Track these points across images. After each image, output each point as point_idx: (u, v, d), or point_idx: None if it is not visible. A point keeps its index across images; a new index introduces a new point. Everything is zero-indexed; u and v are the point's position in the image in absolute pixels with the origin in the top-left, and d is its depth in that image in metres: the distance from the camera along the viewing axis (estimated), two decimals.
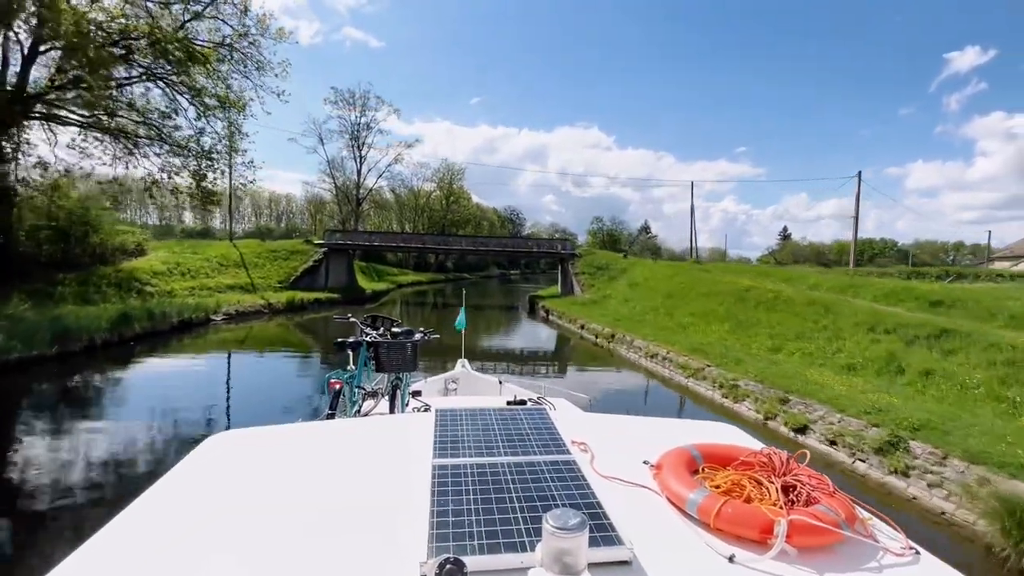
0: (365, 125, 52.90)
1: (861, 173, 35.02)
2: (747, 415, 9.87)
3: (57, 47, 17.36)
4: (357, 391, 4.07)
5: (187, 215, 54.35)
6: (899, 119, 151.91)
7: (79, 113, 18.84)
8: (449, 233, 54.98)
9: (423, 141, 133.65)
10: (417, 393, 4.39)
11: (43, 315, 13.91)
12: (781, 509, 1.32)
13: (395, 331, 4.41)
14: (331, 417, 3.58)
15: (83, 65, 16.47)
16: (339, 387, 3.84)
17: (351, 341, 4.21)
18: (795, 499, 1.41)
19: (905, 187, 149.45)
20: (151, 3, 19.14)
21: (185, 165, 21.31)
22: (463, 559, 1.01)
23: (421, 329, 4.48)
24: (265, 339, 19.38)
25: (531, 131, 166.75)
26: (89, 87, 16.63)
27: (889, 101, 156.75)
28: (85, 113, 18.77)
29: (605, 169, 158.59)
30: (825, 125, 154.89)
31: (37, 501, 5.92)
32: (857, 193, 34.72)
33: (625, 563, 1.15)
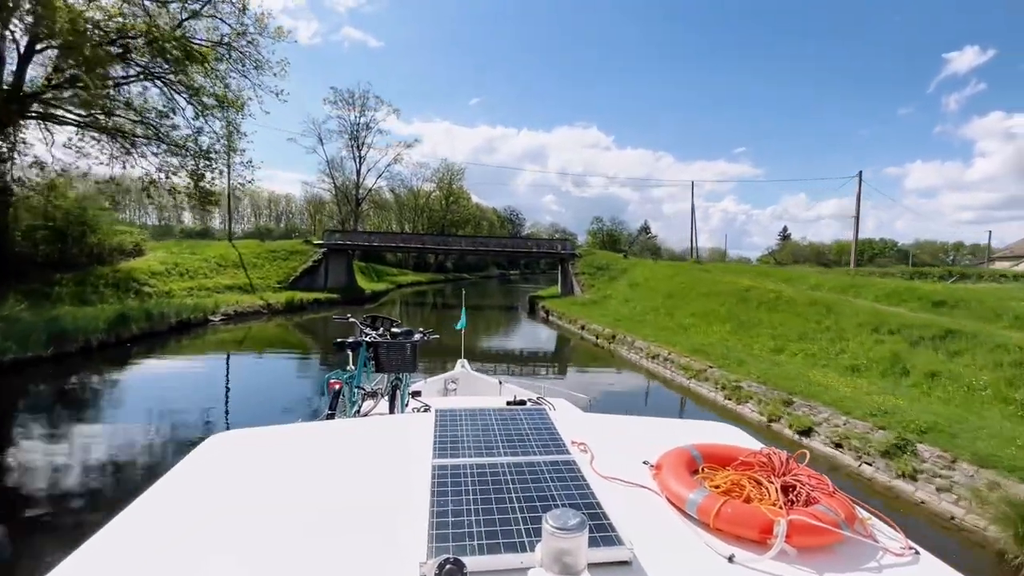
0: (364, 125, 52.89)
1: (862, 173, 35.09)
2: (751, 417, 9.77)
3: (53, 46, 17.26)
4: (357, 391, 4.07)
5: (186, 215, 54.15)
6: (898, 119, 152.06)
7: (76, 112, 18.72)
8: (449, 233, 54.89)
9: (422, 141, 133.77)
10: (417, 393, 4.42)
11: (39, 316, 13.80)
12: (781, 509, 1.32)
13: (395, 331, 4.43)
14: (331, 417, 3.57)
15: (80, 64, 16.35)
16: (339, 387, 3.83)
17: (351, 341, 4.21)
18: (795, 499, 1.41)
19: (904, 187, 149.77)
20: (148, 2, 19.01)
21: (183, 165, 21.20)
22: (463, 559, 1.01)
23: (420, 329, 4.50)
24: (264, 340, 19.28)
25: (530, 131, 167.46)
26: (86, 86, 16.47)
27: (888, 101, 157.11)
28: (82, 112, 18.66)
29: (604, 169, 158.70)
30: (824, 125, 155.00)
31: (33, 505, 5.83)
32: (858, 193, 34.78)
33: (625, 563, 1.15)
